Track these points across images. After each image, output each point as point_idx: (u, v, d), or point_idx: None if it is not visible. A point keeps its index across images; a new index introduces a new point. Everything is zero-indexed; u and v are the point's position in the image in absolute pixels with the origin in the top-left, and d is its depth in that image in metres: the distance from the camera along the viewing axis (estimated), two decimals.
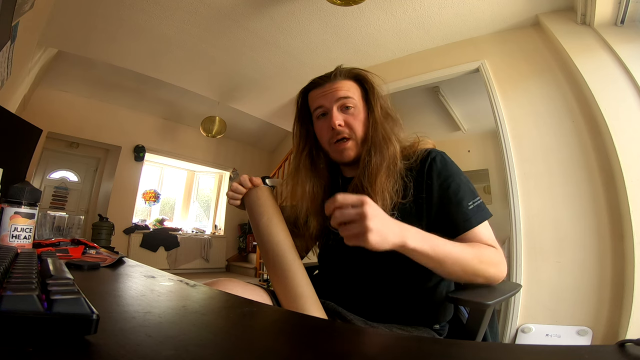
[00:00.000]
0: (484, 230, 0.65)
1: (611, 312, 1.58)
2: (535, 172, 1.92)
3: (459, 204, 0.64)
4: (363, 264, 0.71)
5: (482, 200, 0.66)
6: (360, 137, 0.72)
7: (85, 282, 0.45)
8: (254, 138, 5.89)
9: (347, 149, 0.72)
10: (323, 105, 0.73)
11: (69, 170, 4.50)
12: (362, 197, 0.49)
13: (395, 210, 0.66)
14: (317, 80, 0.76)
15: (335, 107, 0.72)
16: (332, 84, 0.73)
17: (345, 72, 0.75)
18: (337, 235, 0.76)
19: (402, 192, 0.67)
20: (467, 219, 0.63)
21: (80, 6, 2.20)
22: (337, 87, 0.73)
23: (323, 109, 0.74)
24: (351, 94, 0.73)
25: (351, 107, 0.72)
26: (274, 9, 2.17)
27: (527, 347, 0.30)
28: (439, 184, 0.66)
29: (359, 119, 0.72)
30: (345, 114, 0.72)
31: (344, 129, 0.72)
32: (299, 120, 0.80)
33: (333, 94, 0.72)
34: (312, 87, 0.77)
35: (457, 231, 0.63)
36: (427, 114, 3.63)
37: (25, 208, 0.66)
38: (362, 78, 0.75)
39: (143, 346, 0.22)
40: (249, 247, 5.59)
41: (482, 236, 0.64)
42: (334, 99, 0.72)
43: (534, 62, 2.08)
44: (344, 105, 0.72)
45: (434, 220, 0.66)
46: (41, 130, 1.58)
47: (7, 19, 1.28)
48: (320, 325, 0.37)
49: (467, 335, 0.60)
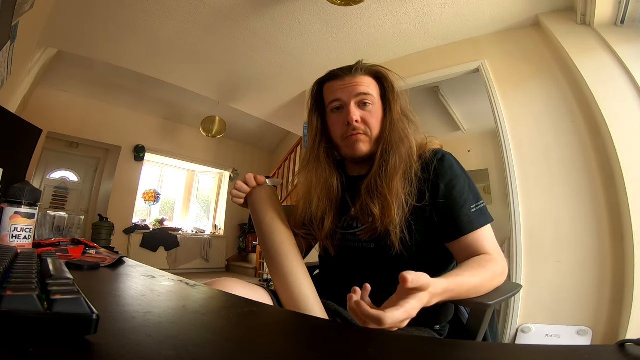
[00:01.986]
0: (487, 233, 0.64)
1: (611, 312, 1.58)
2: (535, 172, 1.92)
3: (463, 206, 0.64)
4: (363, 264, 0.71)
5: (485, 204, 0.66)
6: (375, 135, 0.71)
7: (85, 282, 0.45)
8: (254, 138, 5.89)
9: (360, 141, 0.70)
10: (340, 98, 0.71)
11: (69, 170, 4.50)
12: (381, 319, 0.41)
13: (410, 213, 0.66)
14: (337, 72, 0.74)
15: (353, 102, 0.70)
16: (353, 78, 0.71)
17: (367, 68, 0.74)
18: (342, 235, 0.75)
19: (417, 195, 0.66)
20: (470, 222, 0.63)
21: (80, 6, 2.20)
22: (357, 81, 0.71)
23: (340, 102, 0.72)
24: (371, 90, 0.71)
25: (369, 104, 0.71)
26: (274, 9, 2.17)
27: (527, 347, 0.30)
28: (444, 184, 0.66)
29: (376, 116, 0.71)
30: (363, 110, 0.71)
31: (360, 125, 0.70)
32: (316, 111, 0.78)
33: (353, 89, 0.70)
34: (330, 79, 0.75)
35: (459, 233, 0.63)
36: (427, 114, 3.62)
37: (25, 208, 0.66)
38: (382, 76, 0.74)
39: (143, 346, 0.22)
40: (249, 247, 5.59)
41: (484, 239, 0.63)
42: (353, 94, 0.70)
43: (534, 62, 2.08)
44: (363, 101, 0.70)
45: (438, 221, 0.66)
46: (41, 130, 1.58)
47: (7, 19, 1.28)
48: (320, 325, 0.37)
49: (468, 335, 0.60)
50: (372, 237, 0.68)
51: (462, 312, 0.75)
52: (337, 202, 0.75)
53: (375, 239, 0.68)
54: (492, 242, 0.65)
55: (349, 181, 0.78)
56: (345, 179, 0.78)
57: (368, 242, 0.69)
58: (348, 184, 0.77)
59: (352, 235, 0.72)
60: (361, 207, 0.69)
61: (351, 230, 0.73)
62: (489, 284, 0.59)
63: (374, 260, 0.69)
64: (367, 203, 0.68)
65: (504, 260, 0.63)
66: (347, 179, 0.78)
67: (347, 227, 0.74)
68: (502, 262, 0.62)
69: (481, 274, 0.58)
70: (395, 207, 0.64)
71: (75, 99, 4.18)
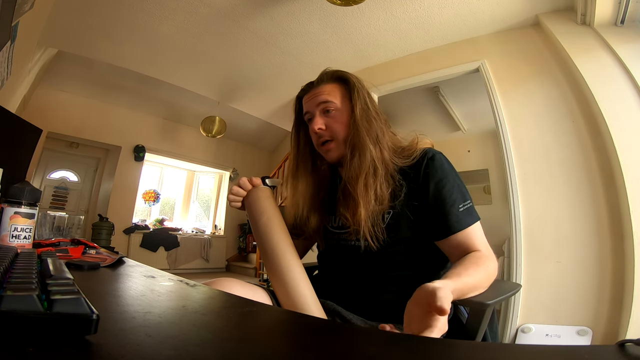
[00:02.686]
0: (476, 230, 0.65)
1: (611, 312, 1.58)
2: (535, 172, 1.92)
3: (452, 206, 0.65)
4: (362, 264, 0.71)
5: (472, 204, 0.67)
6: (342, 138, 0.73)
7: (85, 282, 0.45)
8: (254, 138, 5.89)
9: (330, 150, 0.75)
10: (309, 110, 0.77)
11: (69, 170, 4.50)
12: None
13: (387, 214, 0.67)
14: (305, 87, 0.80)
15: (317, 111, 0.75)
16: (316, 89, 0.76)
17: (329, 75, 0.78)
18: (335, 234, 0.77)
19: (392, 194, 0.68)
20: (458, 221, 0.64)
21: (80, 6, 2.20)
22: (319, 91, 0.75)
23: (309, 114, 0.77)
24: (332, 97, 0.74)
25: (332, 109, 0.74)
26: (274, 9, 2.17)
27: (527, 347, 0.30)
28: (434, 183, 0.67)
29: (341, 121, 0.74)
30: (327, 117, 0.74)
31: (324, 132, 0.74)
32: (296, 124, 0.84)
33: (315, 99, 0.75)
34: (304, 93, 0.80)
35: (448, 231, 0.64)
36: (427, 114, 3.63)
37: (25, 208, 0.66)
38: (344, 79, 0.77)
39: (143, 346, 0.22)
40: (249, 247, 5.59)
41: (474, 236, 0.65)
42: (316, 104, 0.75)
43: (534, 62, 2.08)
44: (325, 109, 0.74)
45: (427, 220, 0.67)
46: (41, 130, 1.58)
47: (7, 19, 1.28)
48: (320, 325, 0.37)
49: (467, 335, 0.60)
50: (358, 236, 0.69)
51: (461, 312, 0.75)
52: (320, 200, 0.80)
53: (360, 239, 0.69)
54: (482, 239, 0.66)
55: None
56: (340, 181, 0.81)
57: (356, 240, 0.71)
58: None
59: (345, 234, 0.74)
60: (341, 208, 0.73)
61: (344, 230, 0.75)
62: (486, 282, 0.60)
63: (365, 259, 0.70)
64: (341, 205, 0.72)
65: (494, 257, 0.64)
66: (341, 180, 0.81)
67: (340, 226, 0.76)
68: (493, 259, 0.64)
69: (478, 273, 0.59)
70: (362, 207, 0.66)
71: (75, 99, 4.18)
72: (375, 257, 0.68)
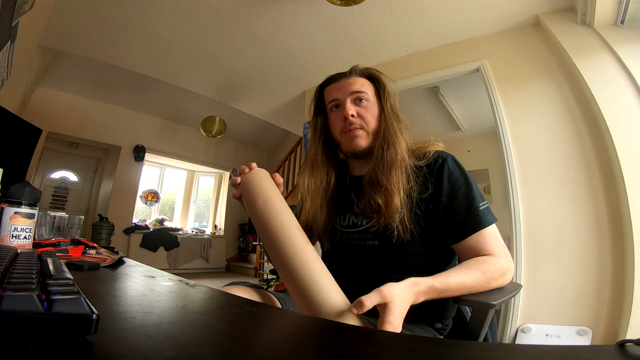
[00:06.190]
0: (493, 233, 0.65)
1: (611, 312, 1.58)
2: (535, 172, 1.92)
3: (469, 206, 0.65)
4: (364, 262, 0.71)
5: (488, 205, 0.67)
6: (372, 129, 0.75)
7: (85, 282, 0.45)
8: (254, 138, 5.89)
9: (358, 136, 0.74)
10: (337, 98, 0.77)
11: (69, 170, 4.51)
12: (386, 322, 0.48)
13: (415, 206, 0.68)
14: (334, 76, 0.80)
15: (349, 99, 0.75)
16: (348, 79, 0.78)
17: (360, 71, 0.80)
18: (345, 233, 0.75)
19: (418, 190, 0.68)
20: (478, 221, 0.64)
21: (80, 6, 2.20)
22: (351, 82, 0.77)
23: (337, 101, 0.77)
24: (365, 89, 0.76)
25: (364, 100, 0.76)
26: (274, 9, 2.17)
27: (527, 347, 0.30)
28: (449, 186, 0.67)
29: (372, 112, 0.76)
30: (359, 106, 0.75)
31: (356, 120, 0.74)
32: (316, 112, 0.84)
33: (347, 88, 0.76)
34: (328, 83, 0.81)
35: (466, 232, 0.64)
36: (427, 114, 3.62)
37: (25, 208, 0.66)
38: (375, 77, 0.80)
39: (143, 346, 0.22)
40: (249, 247, 5.60)
41: (490, 238, 0.64)
42: (348, 92, 0.76)
43: (534, 62, 2.08)
44: (358, 98, 0.76)
45: (441, 221, 0.67)
46: (41, 130, 1.59)
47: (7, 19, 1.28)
48: (320, 325, 0.37)
49: (470, 335, 0.60)
50: (378, 232, 0.69)
51: (465, 311, 0.76)
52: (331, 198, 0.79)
53: (380, 235, 0.69)
54: (498, 239, 0.65)
55: (353, 181, 0.80)
56: (350, 179, 0.81)
57: (372, 239, 0.71)
58: (352, 183, 0.80)
59: (357, 234, 0.73)
60: (366, 201, 0.71)
61: (357, 229, 0.73)
62: (485, 284, 0.60)
63: (378, 257, 0.70)
64: (370, 196, 0.70)
65: (509, 260, 0.64)
66: (352, 179, 0.81)
67: (351, 225, 0.75)
68: (506, 262, 0.63)
69: (474, 274, 0.59)
70: (397, 196, 0.66)
71: (75, 99, 4.19)
72: (389, 252, 0.68)
